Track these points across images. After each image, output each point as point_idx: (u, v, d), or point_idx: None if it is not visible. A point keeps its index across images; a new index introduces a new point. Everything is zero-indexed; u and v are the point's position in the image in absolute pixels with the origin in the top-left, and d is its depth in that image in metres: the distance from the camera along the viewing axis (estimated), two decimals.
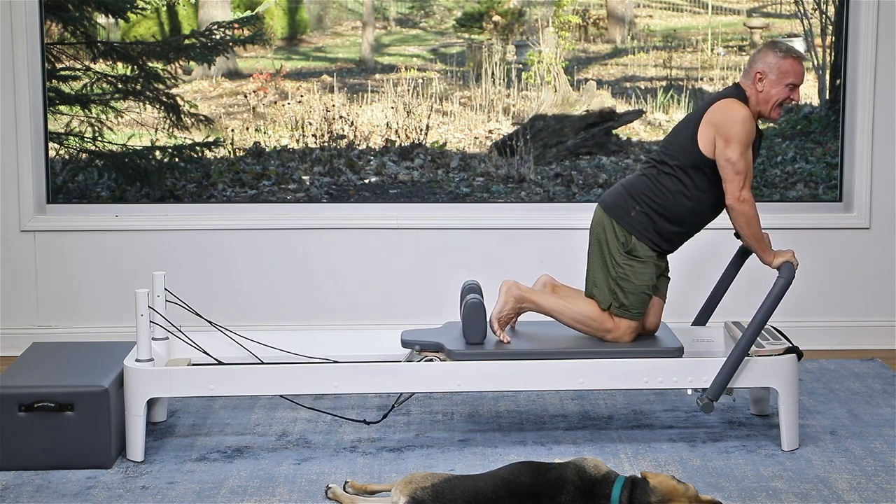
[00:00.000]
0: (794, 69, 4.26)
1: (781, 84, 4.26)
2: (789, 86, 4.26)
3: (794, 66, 4.26)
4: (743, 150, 4.22)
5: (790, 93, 4.27)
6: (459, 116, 5.81)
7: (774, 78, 4.26)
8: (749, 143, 4.24)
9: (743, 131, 4.22)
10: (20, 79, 5.44)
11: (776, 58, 4.26)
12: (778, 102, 4.28)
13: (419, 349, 4.32)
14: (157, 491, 3.92)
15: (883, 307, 5.71)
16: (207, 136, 5.71)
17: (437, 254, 5.63)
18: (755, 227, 4.29)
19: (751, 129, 4.24)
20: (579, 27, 5.84)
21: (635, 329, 4.37)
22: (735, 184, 4.23)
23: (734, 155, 4.21)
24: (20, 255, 5.56)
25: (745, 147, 4.23)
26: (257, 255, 5.61)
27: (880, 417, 4.65)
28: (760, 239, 4.31)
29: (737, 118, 4.23)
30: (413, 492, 3.53)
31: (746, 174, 4.23)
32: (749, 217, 4.26)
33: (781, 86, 4.26)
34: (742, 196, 4.24)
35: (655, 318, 4.46)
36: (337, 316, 5.61)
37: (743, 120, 4.22)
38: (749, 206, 4.25)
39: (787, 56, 4.26)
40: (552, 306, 4.42)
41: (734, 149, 4.21)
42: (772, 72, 4.26)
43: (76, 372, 4.25)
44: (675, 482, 3.51)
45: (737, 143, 4.21)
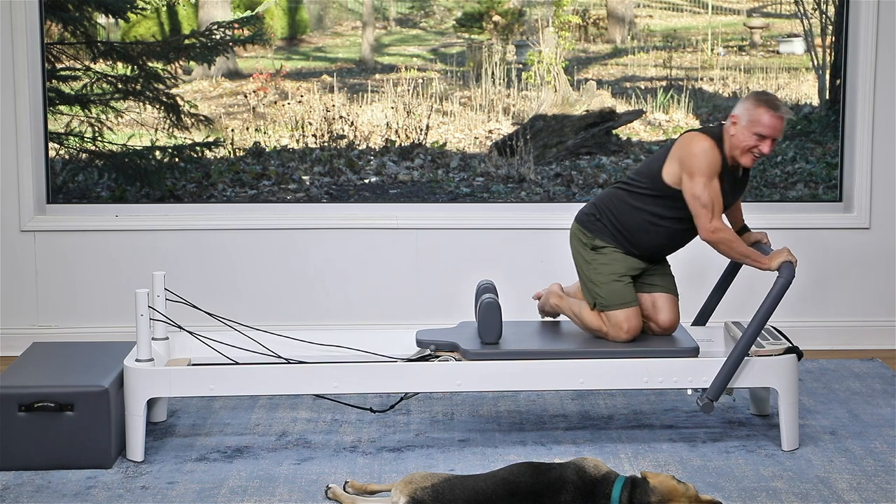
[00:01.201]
0: (766, 121, 4.21)
1: (750, 132, 4.23)
2: (757, 135, 4.23)
3: (766, 118, 4.21)
4: (706, 182, 4.23)
5: (758, 142, 4.23)
6: (459, 116, 5.81)
7: (745, 125, 4.24)
8: (712, 173, 4.23)
9: (704, 162, 4.23)
10: (20, 79, 5.44)
11: (752, 105, 4.24)
12: (745, 149, 4.26)
13: (434, 349, 4.32)
14: (157, 491, 3.92)
15: (883, 307, 5.71)
16: (207, 136, 5.71)
17: (437, 254, 5.64)
18: (738, 249, 4.29)
19: (713, 159, 4.23)
20: (579, 27, 5.84)
21: (625, 321, 4.35)
22: (704, 217, 4.26)
23: (698, 188, 4.24)
24: (20, 255, 5.56)
25: (709, 178, 4.23)
26: (257, 256, 5.61)
27: (880, 417, 4.65)
28: (749, 255, 4.31)
29: (696, 150, 4.24)
30: (413, 492, 3.53)
31: (713, 206, 4.24)
32: (727, 243, 4.28)
33: (750, 133, 4.23)
34: (713, 227, 4.26)
35: (666, 316, 4.43)
36: (336, 315, 5.61)
37: (703, 151, 4.23)
38: (723, 233, 4.26)
39: (761, 105, 4.22)
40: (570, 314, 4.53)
41: (697, 182, 4.24)
42: (744, 118, 4.25)
43: (76, 372, 4.25)
44: (675, 482, 3.51)
45: (699, 175, 4.23)
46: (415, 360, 4.30)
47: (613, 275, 4.41)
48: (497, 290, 4.52)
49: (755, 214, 5.64)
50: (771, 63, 5.84)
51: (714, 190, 4.23)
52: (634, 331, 4.36)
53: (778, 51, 5.85)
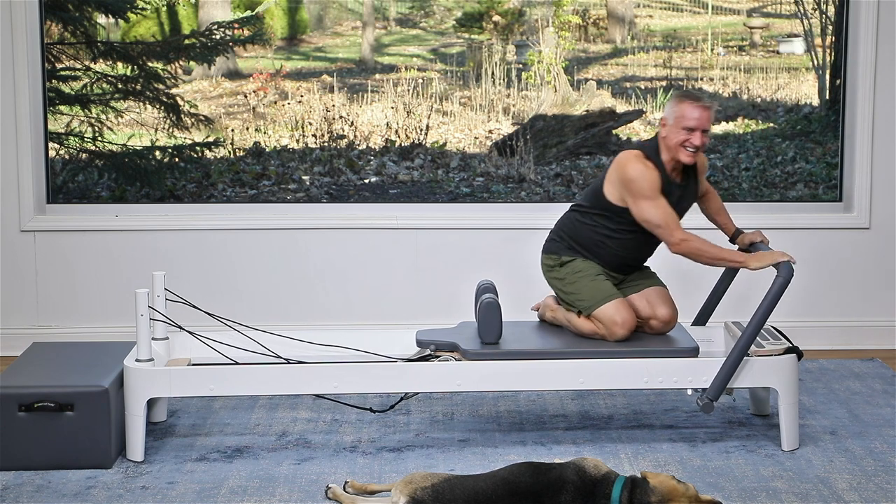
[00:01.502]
0: (689, 113, 4.26)
1: (678, 128, 4.29)
2: (685, 129, 4.27)
3: (688, 110, 4.27)
4: (652, 203, 4.28)
5: (688, 136, 4.27)
6: (459, 116, 5.81)
7: (672, 123, 4.30)
8: (654, 192, 4.28)
9: (643, 185, 4.28)
10: (20, 79, 5.45)
11: (675, 103, 4.32)
12: (678, 146, 4.30)
13: (434, 349, 4.32)
14: (157, 491, 3.92)
15: (883, 307, 5.71)
16: (207, 136, 5.71)
17: (437, 254, 5.64)
18: (709, 254, 4.30)
19: (650, 178, 4.28)
20: (579, 27, 5.84)
21: (615, 313, 4.33)
22: (664, 235, 4.31)
23: (646, 212, 4.30)
24: (20, 255, 5.56)
25: (653, 199, 4.28)
26: (257, 256, 5.61)
27: (880, 417, 4.65)
28: (723, 257, 4.32)
29: (631, 174, 4.30)
30: (413, 492, 3.53)
31: (668, 222, 4.28)
32: (696, 251, 4.30)
33: (679, 129, 4.28)
34: (676, 240, 4.29)
35: (665, 309, 4.43)
36: (336, 316, 5.61)
37: (639, 174, 4.28)
38: (688, 244, 4.29)
39: (683, 101, 4.29)
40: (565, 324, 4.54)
41: (643, 206, 4.30)
42: (671, 117, 4.31)
43: (76, 372, 4.25)
44: (675, 482, 3.51)
45: (642, 199, 4.29)
46: (415, 360, 4.30)
47: (587, 276, 4.43)
48: (497, 290, 4.52)
49: (755, 214, 5.66)
50: (771, 63, 5.84)
51: (662, 207, 4.28)
52: (628, 322, 4.35)
53: (778, 51, 5.85)
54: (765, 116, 5.83)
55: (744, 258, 4.30)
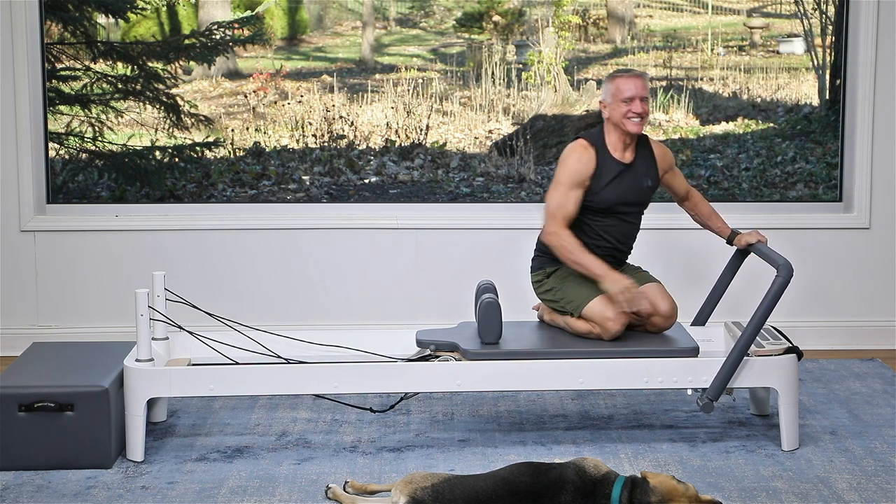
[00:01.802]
0: (622, 85, 4.39)
1: (617, 102, 4.39)
2: (624, 101, 4.38)
3: (621, 83, 4.39)
4: (557, 190, 4.41)
5: (629, 107, 4.37)
6: (459, 116, 5.81)
7: (611, 101, 4.41)
8: (570, 179, 4.37)
9: (563, 170, 4.40)
10: (20, 79, 5.45)
11: (608, 82, 4.45)
12: (622, 118, 4.39)
13: (434, 349, 4.33)
14: (157, 491, 3.92)
15: (883, 307, 5.71)
16: (207, 136, 5.71)
17: (437, 254, 5.64)
18: (571, 257, 4.38)
19: (573, 167, 4.38)
20: (579, 27, 5.84)
21: (605, 308, 4.33)
22: (545, 219, 4.43)
23: (549, 193, 4.43)
24: (20, 255, 5.56)
25: (564, 184, 4.39)
26: (257, 256, 5.61)
27: (880, 417, 4.65)
28: (582, 264, 4.38)
29: (563, 158, 4.47)
30: (413, 492, 3.53)
31: (556, 211, 4.37)
32: (559, 249, 4.40)
33: (618, 103, 4.39)
34: (548, 231, 4.41)
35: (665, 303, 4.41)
36: (336, 316, 5.61)
37: (567, 159, 4.43)
38: (556, 238, 4.39)
39: (614, 78, 4.43)
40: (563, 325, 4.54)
41: (552, 188, 4.43)
42: (608, 97, 4.43)
43: (76, 372, 4.25)
44: (675, 482, 3.51)
45: (555, 183, 4.43)
46: (415, 360, 4.30)
47: (572, 279, 4.45)
48: (497, 290, 4.52)
49: (755, 214, 5.66)
50: (771, 63, 5.84)
51: (563, 196, 4.38)
52: (620, 317, 4.33)
53: (778, 51, 5.86)
54: (765, 116, 5.83)
55: (602, 274, 4.35)
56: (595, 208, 4.43)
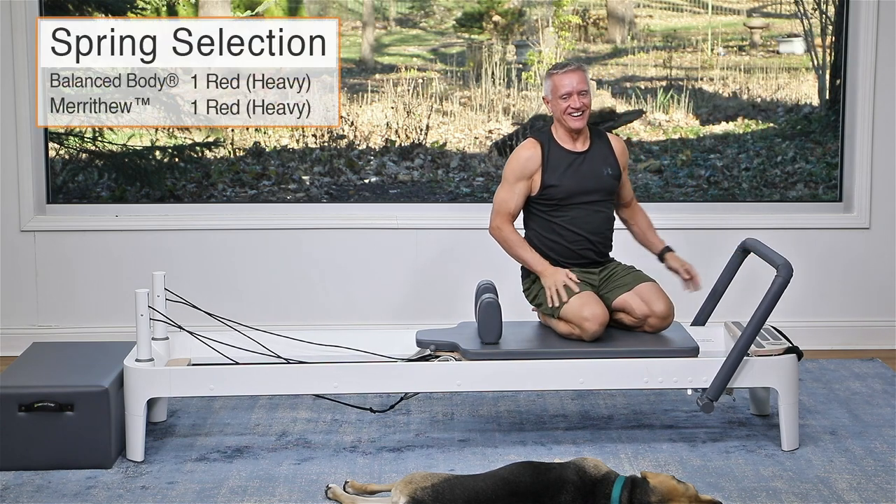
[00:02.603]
0: (558, 81, 4.44)
1: (557, 99, 4.44)
2: (562, 97, 4.42)
3: (558, 80, 4.44)
4: (503, 186, 4.49)
5: (567, 104, 4.42)
6: (459, 116, 5.81)
7: (551, 97, 4.46)
8: (514, 175, 4.48)
9: (509, 168, 4.50)
10: (20, 79, 5.45)
11: (547, 79, 4.49)
12: (563, 114, 4.44)
13: (434, 349, 4.33)
14: (157, 491, 3.92)
15: (883, 307, 5.71)
16: (207, 136, 5.71)
17: (437, 254, 5.64)
18: (512, 250, 4.51)
19: (520, 167, 4.47)
20: (579, 27, 5.84)
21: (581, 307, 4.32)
22: (491, 214, 4.54)
23: (497, 190, 4.54)
24: (20, 255, 5.56)
25: (509, 181, 4.48)
26: (257, 256, 5.61)
27: (880, 417, 4.65)
28: (524, 259, 4.48)
29: (512, 158, 4.52)
30: (413, 492, 3.53)
31: (499, 206, 4.49)
32: (503, 242, 4.52)
33: (557, 100, 4.44)
34: (492, 225, 4.53)
35: (661, 304, 4.40)
36: (336, 316, 5.61)
37: (514, 157, 4.50)
38: (499, 233, 4.51)
39: (551, 74, 4.48)
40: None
41: (500, 186, 4.54)
42: (548, 93, 4.48)
43: (76, 372, 4.25)
44: (675, 482, 3.51)
45: (503, 181, 4.52)
46: (415, 360, 4.30)
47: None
48: (497, 290, 4.52)
49: (755, 214, 5.66)
50: (771, 63, 5.84)
51: (507, 192, 4.47)
52: (598, 317, 4.32)
53: (778, 51, 5.86)
54: (765, 116, 5.83)
55: (540, 269, 4.45)
56: (556, 200, 4.46)
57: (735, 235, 4.92)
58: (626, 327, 4.48)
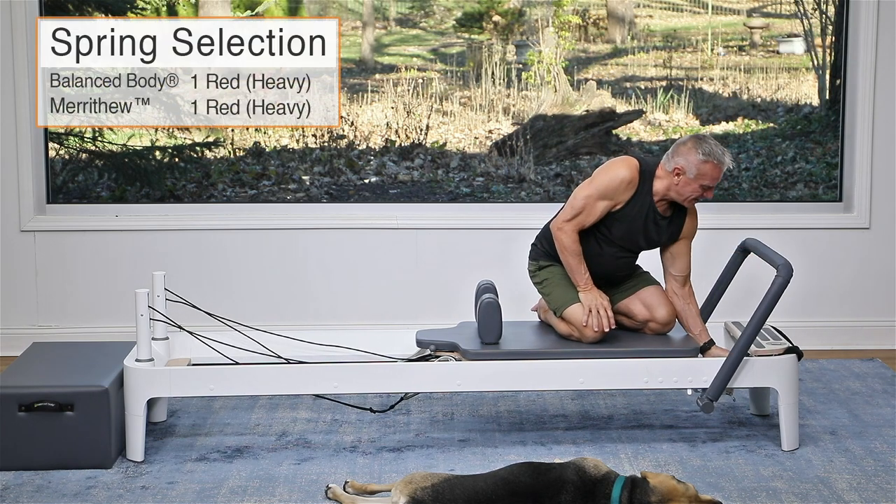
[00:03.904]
0: (711, 174, 4.28)
1: (696, 184, 4.30)
2: (703, 186, 4.31)
3: (711, 171, 4.28)
4: (587, 192, 4.33)
5: (703, 192, 4.32)
6: (459, 116, 5.81)
7: (692, 177, 4.29)
8: (603, 195, 4.31)
9: (605, 180, 4.32)
10: (20, 79, 5.45)
11: (697, 160, 4.28)
12: (691, 199, 4.35)
13: (434, 349, 4.33)
14: (157, 491, 3.92)
15: (883, 307, 5.71)
16: (207, 136, 5.71)
17: (437, 254, 5.64)
18: (566, 256, 4.38)
19: (616, 186, 4.31)
20: (579, 27, 5.84)
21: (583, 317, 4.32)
22: (564, 213, 4.38)
23: (582, 192, 4.35)
24: (20, 255, 5.56)
25: (597, 191, 4.31)
26: (257, 256, 5.61)
27: (880, 417, 4.65)
28: (571, 270, 4.39)
29: (610, 170, 4.35)
30: (413, 492, 3.53)
31: (578, 213, 4.33)
32: (560, 243, 4.38)
33: (696, 185, 4.30)
34: (560, 225, 4.36)
35: (663, 310, 4.40)
36: (336, 316, 5.61)
37: (614, 174, 4.32)
38: (563, 235, 4.36)
39: (707, 161, 4.27)
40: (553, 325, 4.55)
41: (585, 188, 4.36)
42: (690, 171, 4.29)
43: (76, 372, 4.25)
44: (675, 482, 3.51)
45: (593, 187, 4.34)
46: (415, 360, 4.30)
47: (560, 279, 4.45)
48: (497, 290, 4.52)
49: (755, 214, 5.66)
50: (771, 63, 5.84)
51: (591, 204, 4.32)
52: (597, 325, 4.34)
53: (778, 51, 5.86)
54: (765, 116, 5.83)
55: (584, 285, 4.37)
56: (608, 232, 4.38)
57: (735, 235, 4.92)
58: (626, 328, 4.48)
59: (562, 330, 4.42)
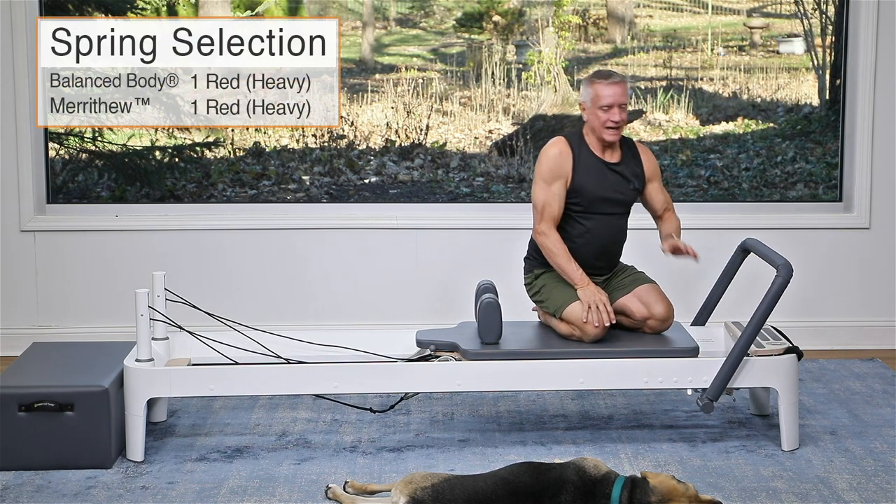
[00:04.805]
0: (602, 92, 4.34)
1: (596, 109, 4.36)
2: (602, 108, 4.34)
3: (601, 90, 4.34)
4: (542, 186, 4.41)
5: (607, 115, 4.34)
6: (459, 116, 5.81)
7: (591, 105, 4.37)
8: (552, 177, 4.40)
9: (544, 167, 4.42)
10: (20, 79, 5.45)
11: (588, 85, 4.39)
12: (601, 126, 4.37)
13: (434, 349, 4.33)
14: (157, 491, 3.92)
15: (883, 307, 5.71)
16: (207, 136, 5.72)
17: (437, 254, 5.64)
18: (554, 259, 4.40)
19: (554, 163, 4.39)
20: (579, 27, 5.84)
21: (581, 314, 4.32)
22: (535, 218, 4.44)
23: (534, 190, 4.45)
24: (20, 255, 5.56)
25: (546, 182, 4.41)
26: (257, 256, 5.61)
27: (880, 417, 4.65)
28: (564, 271, 4.40)
29: (543, 155, 4.46)
30: (413, 492, 3.53)
31: (543, 209, 4.39)
32: (545, 249, 4.42)
33: (596, 111, 4.36)
34: (538, 229, 4.42)
35: (660, 306, 4.40)
36: (336, 316, 5.61)
37: (547, 156, 4.43)
38: (544, 239, 4.40)
39: (595, 82, 4.36)
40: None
41: (535, 185, 4.45)
42: (587, 101, 4.39)
43: (76, 372, 4.26)
44: (675, 482, 3.51)
45: (537, 179, 4.44)
46: (415, 360, 4.30)
47: (556, 281, 4.45)
48: (497, 290, 4.52)
49: (755, 214, 5.66)
50: (771, 63, 5.84)
51: (546, 192, 4.39)
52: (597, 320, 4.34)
53: (778, 51, 5.86)
54: (765, 116, 5.83)
55: (579, 282, 4.37)
56: (580, 207, 4.43)
57: (735, 235, 4.92)
58: (625, 328, 4.48)
59: (562, 330, 4.42)
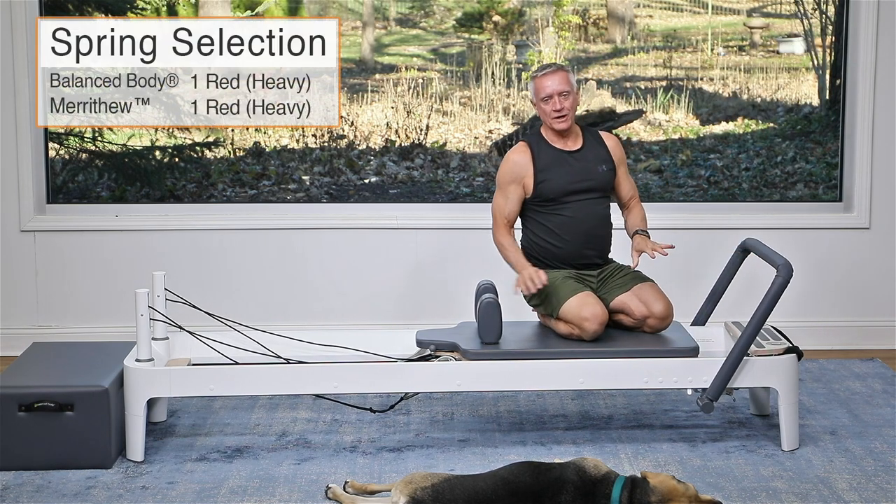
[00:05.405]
0: (542, 84, 4.47)
1: (540, 101, 4.49)
2: (543, 99, 4.46)
3: (541, 82, 4.47)
4: (498, 193, 4.55)
5: (549, 105, 4.45)
6: (459, 116, 5.81)
7: (536, 99, 4.51)
8: (506, 180, 4.51)
9: (500, 173, 4.55)
10: (20, 79, 5.45)
11: (531, 82, 4.53)
12: (550, 117, 4.48)
13: (434, 349, 4.33)
14: (157, 491, 3.92)
15: (883, 307, 5.71)
16: (207, 136, 5.72)
17: (437, 254, 5.64)
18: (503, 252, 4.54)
19: (511, 166, 4.52)
20: (579, 27, 5.84)
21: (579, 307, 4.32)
22: (492, 225, 4.59)
23: (494, 196, 4.58)
24: (20, 255, 5.56)
25: (501, 187, 4.52)
26: (257, 256, 5.61)
27: (880, 417, 4.65)
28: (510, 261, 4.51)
29: (503, 162, 4.56)
30: (413, 492, 3.53)
31: (496, 215, 4.56)
32: (498, 247, 4.56)
33: (540, 103, 4.49)
34: (493, 232, 4.58)
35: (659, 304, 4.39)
36: (336, 316, 5.61)
37: (504, 162, 4.54)
38: (497, 237, 4.56)
39: (534, 77, 4.52)
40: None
41: (495, 193, 4.58)
42: (533, 96, 4.53)
43: (76, 372, 4.26)
44: (675, 482, 3.51)
45: (497, 183, 4.57)
46: (415, 360, 4.30)
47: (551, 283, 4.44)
48: (497, 290, 4.52)
49: (755, 214, 5.66)
50: (771, 63, 5.84)
51: (502, 199, 4.52)
52: (598, 316, 4.32)
53: (778, 51, 5.86)
54: (765, 116, 5.83)
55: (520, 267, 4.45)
56: (550, 198, 4.48)
57: (735, 235, 4.92)
58: (625, 328, 4.48)
59: (561, 330, 4.42)
